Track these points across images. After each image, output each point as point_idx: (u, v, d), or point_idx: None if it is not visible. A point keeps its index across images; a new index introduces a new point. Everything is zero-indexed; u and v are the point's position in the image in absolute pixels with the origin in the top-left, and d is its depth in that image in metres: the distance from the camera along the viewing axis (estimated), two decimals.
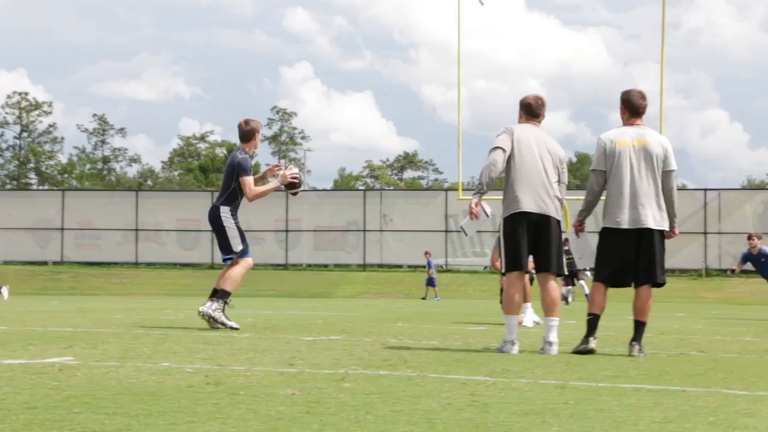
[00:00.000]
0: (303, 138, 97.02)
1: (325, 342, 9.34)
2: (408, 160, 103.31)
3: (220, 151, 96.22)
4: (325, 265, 46.32)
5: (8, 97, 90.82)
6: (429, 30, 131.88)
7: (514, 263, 8.75)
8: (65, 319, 13.38)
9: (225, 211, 11.86)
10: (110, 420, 4.34)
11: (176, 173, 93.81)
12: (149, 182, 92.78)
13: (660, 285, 8.80)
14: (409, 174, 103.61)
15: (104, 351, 7.96)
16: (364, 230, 44.75)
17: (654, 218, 8.58)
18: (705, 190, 43.77)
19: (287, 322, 13.29)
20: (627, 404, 5.11)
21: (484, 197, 8.99)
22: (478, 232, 9.63)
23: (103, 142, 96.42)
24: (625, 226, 8.58)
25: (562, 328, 12.53)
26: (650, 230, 8.58)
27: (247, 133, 12.08)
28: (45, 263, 47.28)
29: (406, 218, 44.85)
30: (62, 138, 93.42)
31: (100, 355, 7.61)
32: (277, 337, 10.06)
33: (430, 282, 35.57)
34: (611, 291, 8.88)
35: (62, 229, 46.90)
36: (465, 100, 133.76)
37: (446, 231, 43.77)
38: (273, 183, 12.12)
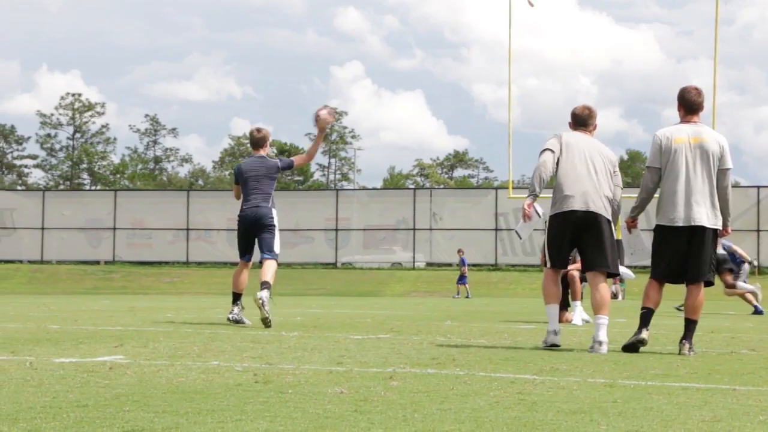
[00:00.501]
0: (353, 137, 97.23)
1: (374, 341, 9.35)
2: (458, 159, 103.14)
3: (271, 151, 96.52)
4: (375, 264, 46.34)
5: (62, 98, 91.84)
6: (480, 28, 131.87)
7: (552, 261, 8.91)
8: (116, 318, 13.50)
9: (275, 214, 12.45)
10: (159, 418, 4.37)
11: (227, 173, 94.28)
12: (200, 182, 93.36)
13: (710, 284, 8.74)
14: (459, 172, 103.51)
15: (154, 350, 8.03)
16: (414, 229, 44.72)
17: (708, 216, 8.51)
18: (758, 187, 43.25)
19: (336, 321, 13.32)
20: (676, 403, 5.08)
21: (538, 198, 8.98)
22: (535, 229, 9.68)
23: (155, 142, 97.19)
24: (680, 223, 8.52)
25: (612, 326, 12.46)
26: (703, 228, 8.50)
27: (259, 141, 12.66)
28: (97, 263, 47.71)
29: (456, 217, 44.76)
30: (115, 138, 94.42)
31: (150, 353, 7.67)
32: (326, 335, 10.08)
33: (461, 280, 35.40)
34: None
35: (114, 228, 47.30)
36: (515, 98, 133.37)
37: (496, 229, 43.61)
38: (315, 140, 12.91)
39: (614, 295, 32.97)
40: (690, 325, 8.62)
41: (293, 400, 4.96)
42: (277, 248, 12.34)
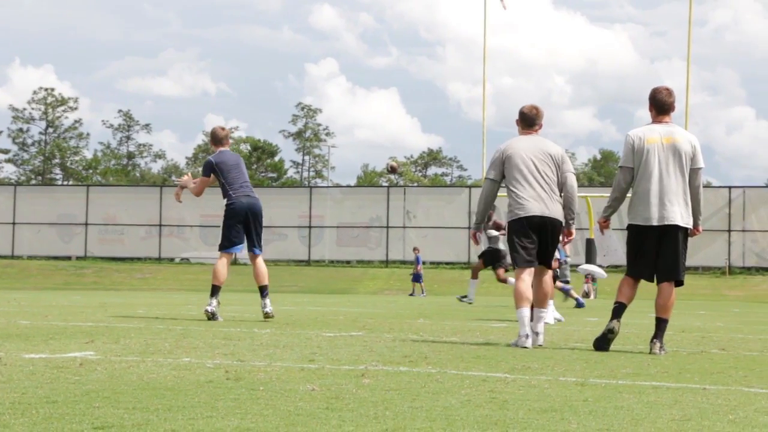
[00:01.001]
0: (327, 134, 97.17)
1: (346, 338, 9.35)
2: (432, 157, 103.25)
3: (245, 147, 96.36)
4: (348, 261, 46.35)
5: (34, 93, 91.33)
6: (455, 27, 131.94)
7: (518, 262, 9.09)
8: (87, 314, 13.44)
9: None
10: (130, 415, 4.36)
11: (200, 169, 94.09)
12: (173, 178, 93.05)
13: (681, 283, 8.83)
14: (433, 170, 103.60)
15: (125, 346, 7.99)
16: (387, 226, 44.76)
17: (681, 216, 8.61)
18: (730, 187, 43.56)
19: (308, 318, 13.32)
20: (646, 402, 5.10)
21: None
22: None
23: (128, 137, 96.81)
24: (654, 222, 8.62)
25: (584, 325, 12.53)
26: (676, 227, 8.61)
27: (225, 137, 13.26)
28: (68, 258, 47.51)
29: (429, 215, 44.85)
30: (87, 134, 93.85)
31: (121, 350, 7.64)
32: (298, 332, 10.07)
33: (417, 278, 35.32)
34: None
35: (86, 224, 47.14)
36: (490, 96, 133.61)
37: (469, 228, 43.64)
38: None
39: (586, 294, 33.09)
40: (661, 323, 8.66)
41: (264, 398, 4.95)
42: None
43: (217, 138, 13.13)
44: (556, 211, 9.04)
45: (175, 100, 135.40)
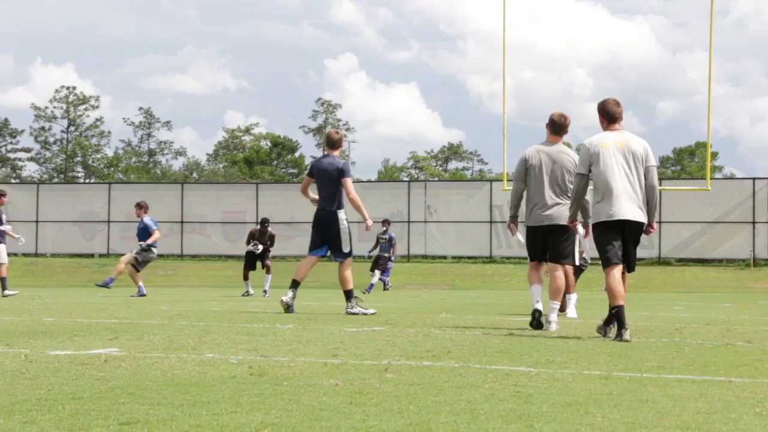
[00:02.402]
0: (347, 130, 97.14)
1: (369, 333, 9.35)
2: (453, 151, 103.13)
3: (265, 144, 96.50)
4: (369, 257, 46.36)
5: (56, 91, 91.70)
6: (475, 20, 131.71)
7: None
8: (111, 311, 13.49)
9: (341, 214, 13.40)
10: (155, 410, 4.37)
11: (221, 166, 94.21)
12: (194, 175, 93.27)
13: (632, 270, 9.64)
14: (453, 165, 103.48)
15: (149, 342, 8.02)
16: (409, 221, 44.70)
17: (637, 212, 9.32)
18: (754, 179, 43.27)
19: (331, 314, 13.32)
20: (671, 395, 5.08)
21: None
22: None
23: (149, 135, 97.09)
24: (615, 218, 9.28)
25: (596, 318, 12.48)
26: (633, 223, 9.31)
27: (337, 141, 13.66)
28: (91, 256, 47.65)
29: (451, 209, 44.73)
30: (109, 132, 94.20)
31: (145, 346, 7.67)
32: (321, 328, 10.08)
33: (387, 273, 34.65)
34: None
35: (108, 221, 47.25)
36: (511, 90, 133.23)
37: (491, 222, 43.59)
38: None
39: None
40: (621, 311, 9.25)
41: (288, 393, 4.96)
42: (344, 248, 13.46)
43: (330, 141, 13.56)
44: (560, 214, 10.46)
45: (195, 97, 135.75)
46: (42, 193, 49.20)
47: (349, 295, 13.21)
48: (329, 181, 13.27)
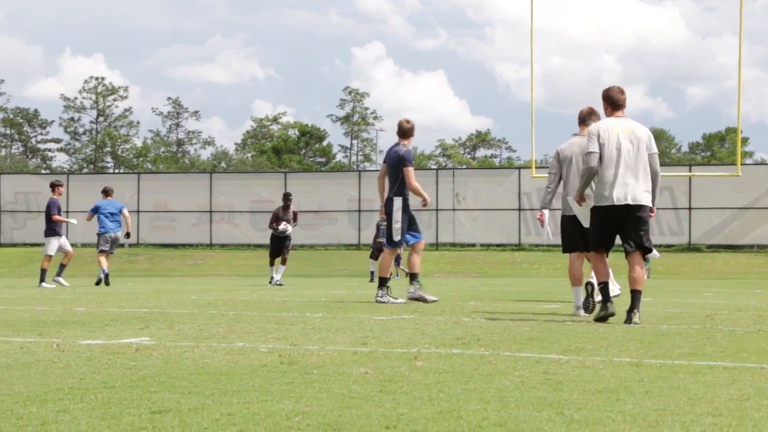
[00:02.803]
0: (375, 118, 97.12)
1: (398, 321, 9.35)
2: (480, 139, 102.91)
3: (293, 132, 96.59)
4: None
5: (85, 82, 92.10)
6: (503, 7, 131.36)
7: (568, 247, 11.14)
8: (141, 301, 13.55)
9: (397, 202, 13.40)
10: (186, 399, 4.39)
11: (249, 155, 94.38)
12: (223, 164, 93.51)
13: (650, 250, 9.84)
14: (481, 152, 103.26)
15: (179, 331, 8.06)
16: (437, 209, 44.66)
17: (642, 194, 9.64)
18: None
19: (360, 302, 13.34)
20: (703, 382, 5.05)
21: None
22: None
23: (178, 125, 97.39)
24: (618, 203, 9.61)
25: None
26: (639, 205, 9.63)
27: (408, 131, 13.66)
28: (121, 245, 47.88)
29: (479, 197, 44.66)
30: (137, 122, 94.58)
31: (175, 335, 7.70)
32: (350, 316, 10.10)
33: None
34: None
35: (138, 211, 47.45)
36: (539, 77, 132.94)
37: (519, 209, 43.51)
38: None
39: None
40: (636, 295, 9.55)
41: (318, 381, 4.97)
42: (395, 236, 13.53)
43: (401, 130, 13.66)
44: None
45: (223, 86, 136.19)
46: (72, 183, 49.49)
47: (382, 282, 13.32)
48: (393, 169, 13.48)
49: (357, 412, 4.05)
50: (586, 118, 11.12)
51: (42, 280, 21.57)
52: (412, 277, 13.59)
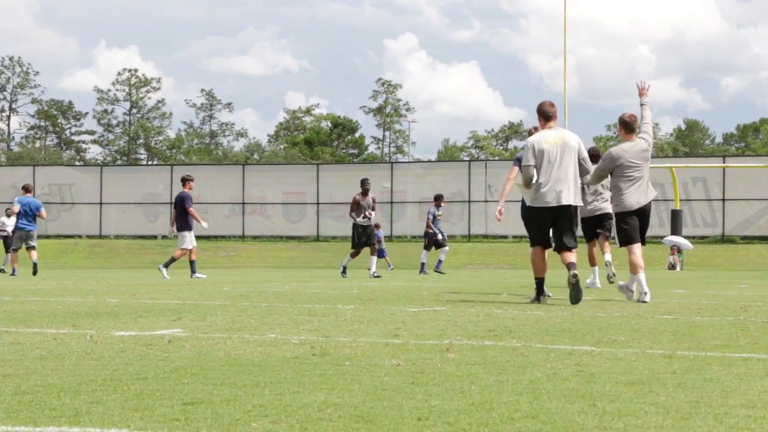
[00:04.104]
0: (408, 110, 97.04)
1: (430, 313, 9.35)
2: (513, 130, 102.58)
3: (325, 124, 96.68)
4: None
5: (118, 74, 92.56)
6: None
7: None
8: (174, 292, 13.61)
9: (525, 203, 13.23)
10: (218, 390, 4.40)
11: (282, 147, 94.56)
12: (255, 156, 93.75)
13: (575, 247, 11.41)
14: (514, 144, 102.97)
15: (212, 323, 8.09)
16: (469, 201, 44.61)
17: (573, 197, 11.13)
18: None
19: (392, 294, 13.34)
20: (736, 374, 5.02)
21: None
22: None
23: (211, 116, 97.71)
24: (552, 204, 11.09)
25: (671, 297, 12.41)
26: (569, 206, 11.14)
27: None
28: (154, 237, 48.14)
29: (511, 189, 44.55)
30: (170, 113, 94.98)
31: (207, 327, 7.73)
32: (382, 308, 10.10)
33: (381, 253, 34.08)
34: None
35: (171, 203, 47.64)
36: (572, 68, 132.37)
37: None
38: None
39: (672, 266, 32.73)
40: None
41: (350, 373, 4.97)
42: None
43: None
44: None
45: (256, 78, 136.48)
46: (105, 175, 49.79)
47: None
48: None
49: (389, 404, 4.06)
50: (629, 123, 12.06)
51: (193, 271, 22.34)
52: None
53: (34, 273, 23.69)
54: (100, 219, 48.27)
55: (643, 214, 11.94)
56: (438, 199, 27.62)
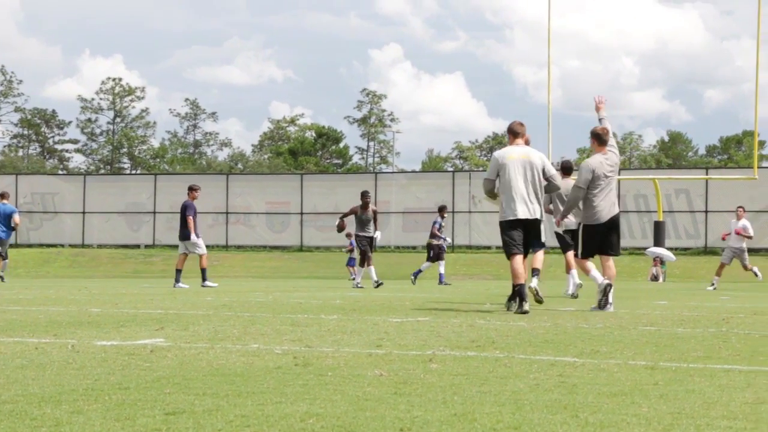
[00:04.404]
0: (392, 120, 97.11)
1: (413, 323, 9.35)
2: (497, 141, 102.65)
3: (310, 134, 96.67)
4: (414, 247, 46.34)
5: (102, 83, 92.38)
6: (522, 9, 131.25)
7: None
8: (156, 302, 13.58)
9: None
10: (200, 400, 4.39)
11: (266, 157, 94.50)
12: (239, 166, 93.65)
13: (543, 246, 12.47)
14: None
15: (194, 333, 8.07)
16: (453, 212, 44.63)
17: (536, 211, 11.83)
18: None
19: (375, 304, 13.33)
20: (718, 385, 5.04)
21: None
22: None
23: (195, 126, 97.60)
24: (519, 217, 11.76)
25: (654, 308, 12.44)
26: (533, 219, 11.82)
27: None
28: (137, 246, 48.01)
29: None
30: (154, 123, 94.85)
31: (190, 336, 7.71)
32: (365, 318, 10.09)
33: (351, 262, 33.94)
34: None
35: (154, 212, 47.60)
36: (556, 79, 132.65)
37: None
38: None
39: (655, 277, 32.80)
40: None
41: (333, 383, 4.97)
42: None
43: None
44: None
45: (241, 88, 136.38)
46: (89, 184, 49.63)
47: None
48: None
49: (371, 414, 4.05)
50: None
51: (204, 279, 22.66)
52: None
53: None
54: (83, 228, 48.13)
55: (613, 224, 12.46)
56: (442, 210, 27.73)
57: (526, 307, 11.26)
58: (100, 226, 48.33)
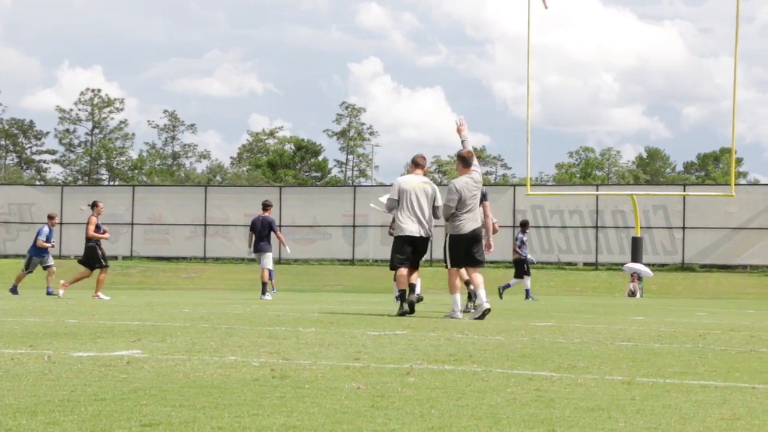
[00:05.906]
0: (371, 134, 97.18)
1: (391, 337, 9.34)
2: (476, 155, 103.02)
3: (289, 147, 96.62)
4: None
5: (81, 94, 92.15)
6: (502, 25, 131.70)
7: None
8: (134, 313, 13.53)
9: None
10: (177, 412, 4.38)
11: (245, 169, 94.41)
12: (218, 178, 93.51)
13: (417, 268, 14.67)
14: None
15: (171, 344, 8.04)
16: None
17: (426, 231, 14.19)
18: None
19: (353, 317, 13.32)
20: (695, 401, 5.06)
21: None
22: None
23: (174, 138, 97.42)
24: (413, 234, 14.04)
25: (630, 324, 12.49)
26: (423, 238, 14.21)
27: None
28: (115, 258, 47.80)
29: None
30: (133, 134, 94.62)
31: (167, 348, 7.69)
32: (343, 331, 10.08)
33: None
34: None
35: (132, 224, 47.43)
36: (536, 94, 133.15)
37: (513, 226, 43.47)
38: None
39: (632, 293, 32.90)
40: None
41: (310, 396, 4.96)
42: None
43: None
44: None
45: (220, 100, 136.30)
46: (66, 195, 49.44)
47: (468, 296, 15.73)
48: None
49: (348, 427, 4.05)
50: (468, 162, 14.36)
51: (264, 292, 23.55)
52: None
53: None
54: (60, 239, 47.88)
55: (475, 236, 13.91)
56: (524, 225, 27.63)
57: (406, 307, 13.65)
58: (77, 237, 48.12)
